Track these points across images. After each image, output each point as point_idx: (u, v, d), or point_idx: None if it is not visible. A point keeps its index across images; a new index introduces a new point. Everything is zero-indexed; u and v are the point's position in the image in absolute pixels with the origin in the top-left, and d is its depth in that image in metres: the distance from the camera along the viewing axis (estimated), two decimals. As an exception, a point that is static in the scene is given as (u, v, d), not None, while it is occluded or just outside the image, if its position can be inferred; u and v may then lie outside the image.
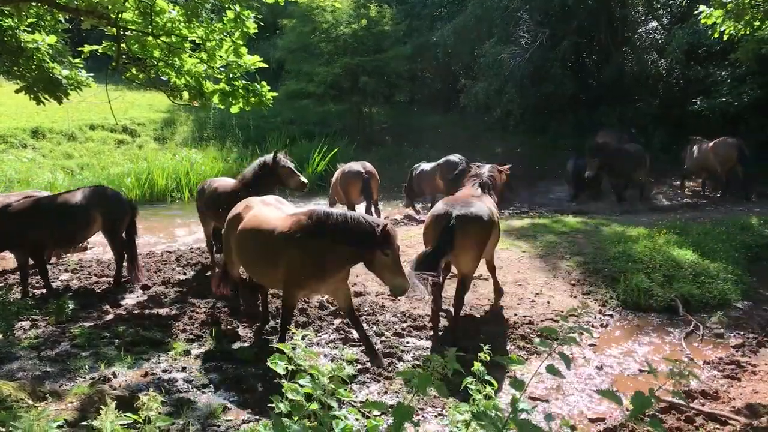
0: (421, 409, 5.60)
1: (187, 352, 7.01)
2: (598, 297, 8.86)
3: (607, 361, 6.96)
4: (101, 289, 9.40)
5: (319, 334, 7.56)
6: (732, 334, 7.64)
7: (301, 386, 2.88)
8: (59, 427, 2.67)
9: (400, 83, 26.17)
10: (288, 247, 6.31)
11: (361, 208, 14.09)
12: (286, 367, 3.01)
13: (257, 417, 5.60)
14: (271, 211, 6.99)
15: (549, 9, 21.86)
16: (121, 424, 2.54)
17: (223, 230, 7.73)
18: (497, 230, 7.92)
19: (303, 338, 3.22)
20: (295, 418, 2.68)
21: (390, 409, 2.79)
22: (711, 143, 16.30)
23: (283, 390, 2.85)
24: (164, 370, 6.54)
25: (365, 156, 22.01)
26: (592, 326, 7.93)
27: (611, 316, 8.33)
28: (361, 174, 13.80)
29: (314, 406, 2.81)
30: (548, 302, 8.65)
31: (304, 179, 9.72)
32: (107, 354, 6.86)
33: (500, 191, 9.37)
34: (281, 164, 9.52)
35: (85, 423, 2.59)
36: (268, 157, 9.54)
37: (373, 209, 13.82)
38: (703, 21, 10.36)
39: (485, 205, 7.60)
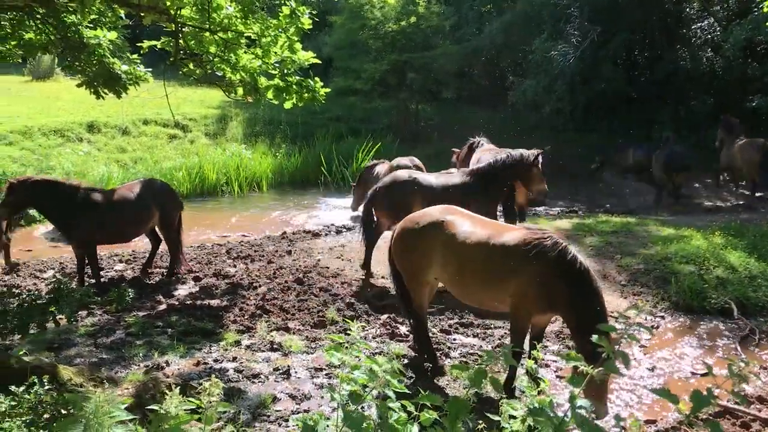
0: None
1: (237, 343, 7.13)
2: (649, 298, 8.70)
3: (658, 364, 6.85)
4: (154, 280, 9.64)
5: (366, 329, 7.61)
6: (790, 339, 7.43)
7: (357, 377, 2.92)
8: (127, 408, 2.77)
9: (447, 80, 26.03)
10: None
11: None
12: (342, 359, 3.05)
13: (306, 408, 5.68)
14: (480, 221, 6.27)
15: (599, 5, 21.47)
16: (184, 409, 2.62)
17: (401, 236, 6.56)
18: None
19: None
20: (354, 409, 2.72)
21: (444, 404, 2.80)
22: (738, 143, 15.95)
23: (339, 380, 2.90)
24: (215, 360, 6.68)
25: (412, 153, 22.05)
26: (638, 331, 7.79)
27: (663, 317, 8.18)
28: (410, 168, 13.77)
29: (370, 397, 2.85)
30: (598, 302, 8.53)
31: (546, 187, 9.33)
32: (160, 343, 7.04)
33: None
34: (538, 165, 9.11)
35: (152, 407, 2.66)
36: (527, 153, 9.10)
37: None
38: (765, 10, 10.11)
39: None
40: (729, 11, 22.16)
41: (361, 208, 15.28)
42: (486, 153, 11.88)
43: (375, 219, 9.63)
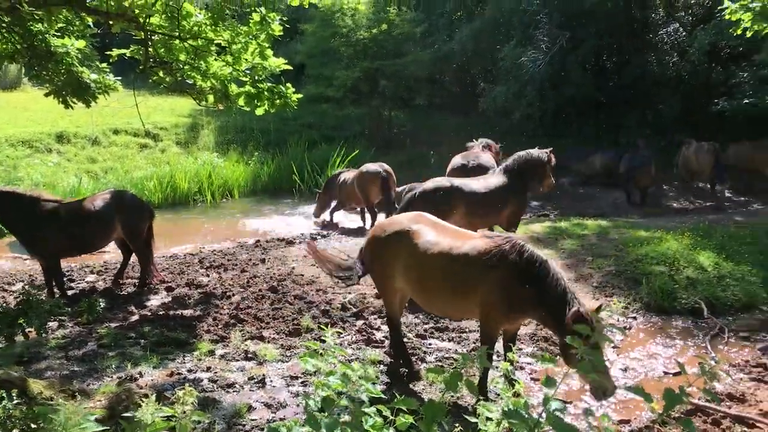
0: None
1: (211, 353, 7.08)
2: (621, 299, 8.81)
3: (631, 364, 6.93)
4: (126, 291, 9.52)
5: (342, 335, 7.60)
6: (758, 337, 7.56)
7: (331, 383, 2.91)
8: (99, 420, 2.73)
9: (419, 87, 26.16)
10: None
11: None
12: (317, 365, 3.04)
13: (282, 417, 5.65)
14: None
15: (568, 12, 21.76)
16: (159, 416, 2.59)
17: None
18: None
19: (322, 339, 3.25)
20: (326, 414, 2.71)
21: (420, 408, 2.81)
22: (693, 147, 16.54)
23: (313, 387, 2.89)
24: (189, 370, 6.61)
25: (384, 159, 22.07)
26: (616, 328, 7.89)
27: (634, 318, 8.28)
28: (380, 173, 13.81)
29: (344, 402, 2.84)
30: (571, 304, 8.61)
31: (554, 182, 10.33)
32: (133, 354, 6.96)
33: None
34: (551, 162, 9.95)
35: (127, 414, 2.63)
36: (542, 152, 9.86)
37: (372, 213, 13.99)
38: (727, 16, 10.28)
39: None
40: (693, 17, 22.61)
41: (325, 215, 15.32)
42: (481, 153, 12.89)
43: None
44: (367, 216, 14.53)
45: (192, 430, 4.86)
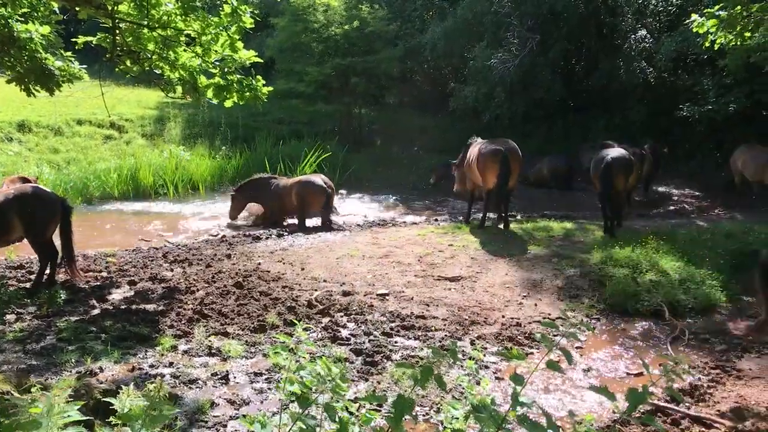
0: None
1: (174, 348, 6.96)
2: (585, 301, 8.91)
3: (594, 365, 7.00)
4: (88, 285, 9.32)
5: (307, 332, 7.53)
6: (717, 339, 7.70)
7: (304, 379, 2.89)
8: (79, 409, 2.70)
9: (390, 85, 26.22)
10: None
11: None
12: (287, 359, 3.02)
13: (245, 413, 5.58)
14: None
15: (539, 15, 21.96)
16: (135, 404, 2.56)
17: None
18: None
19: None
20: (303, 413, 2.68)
21: (385, 402, 2.79)
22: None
23: (283, 381, 2.86)
24: (151, 366, 6.50)
25: (354, 157, 22.06)
26: (579, 329, 7.96)
27: (598, 319, 8.37)
28: (326, 190, 13.75)
29: (320, 399, 2.82)
30: (535, 305, 8.70)
31: None
32: (94, 348, 6.81)
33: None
34: None
35: (109, 399, 2.60)
36: None
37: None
38: (695, 29, 10.45)
39: None
40: (661, 23, 22.99)
41: (243, 215, 15.01)
42: (478, 146, 13.16)
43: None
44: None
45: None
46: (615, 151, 12.26)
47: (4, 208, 8.45)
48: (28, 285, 9.01)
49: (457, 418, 2.96)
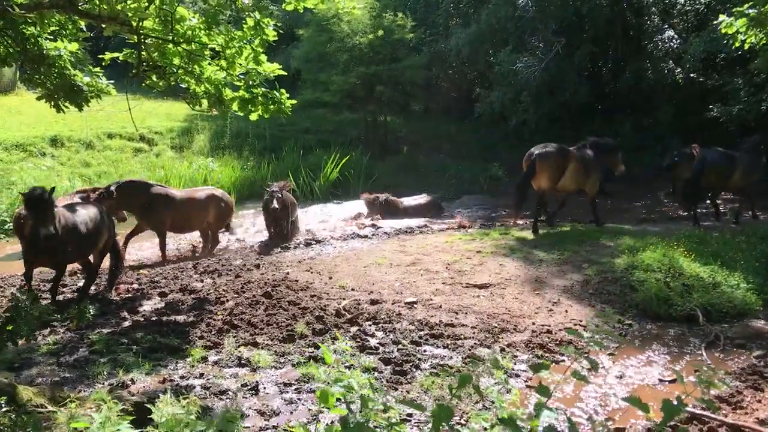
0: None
1: (204, 359, 7.00)
2: (617, 306, 8.78)
3: (627, 371, 6.88)
4: (120, 297, 9.44)
5: (336, 342, 7.53)
6: (754, 344, 7.53)
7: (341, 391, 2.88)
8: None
9: (415, 92, 26.21)
10: None
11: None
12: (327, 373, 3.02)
13: (275, 424, 5.59)
14: None
15: (564, 18, 21.85)
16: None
17: None
18: None
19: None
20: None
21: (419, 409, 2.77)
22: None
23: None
24: (182, 377, 6.54)
25: (380, 164, 22.09)
26: (609, 337, 7.86)
27: (630, 325, 8.24)
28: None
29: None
30: (566, 311, 8.59)
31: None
32: (125, 360, 6.87)
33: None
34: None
35: (149, 406, 2.65)
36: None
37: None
38: (723, 30, 10.25)
39: None
40: (688, 23, 22.69)
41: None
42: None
43: None
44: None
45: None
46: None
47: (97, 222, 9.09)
48: (60, 298, 9.17)
49: (486, 429, 2.92)
